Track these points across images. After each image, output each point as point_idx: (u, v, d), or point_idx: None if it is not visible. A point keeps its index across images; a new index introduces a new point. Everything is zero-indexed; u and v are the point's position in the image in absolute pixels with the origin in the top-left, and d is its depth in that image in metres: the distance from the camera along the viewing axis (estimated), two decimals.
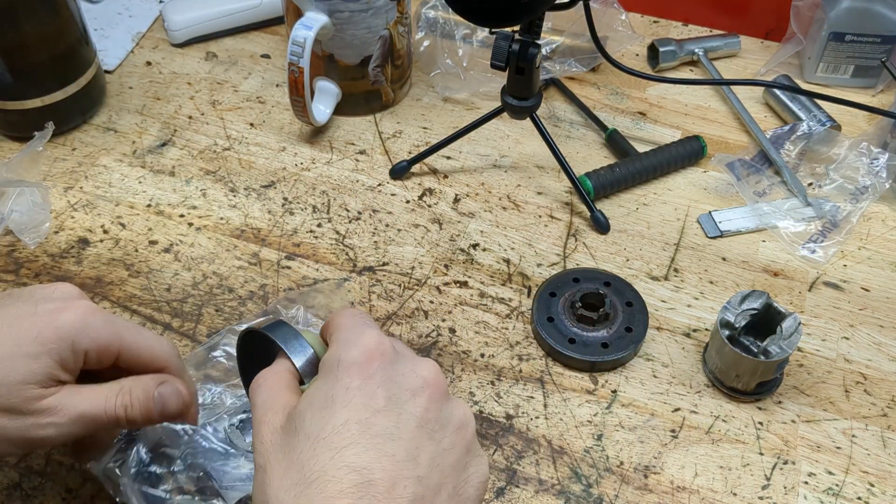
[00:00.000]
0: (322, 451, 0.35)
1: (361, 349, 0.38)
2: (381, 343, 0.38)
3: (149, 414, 0.43)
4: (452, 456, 0.37)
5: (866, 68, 0.77)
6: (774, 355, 0.52)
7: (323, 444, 0.35)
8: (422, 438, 0.36)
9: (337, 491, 0.34)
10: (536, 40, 0.60)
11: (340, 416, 0.36)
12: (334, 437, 0.35)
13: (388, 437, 0.35)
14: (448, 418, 0.38)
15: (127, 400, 0.42)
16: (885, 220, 0.67)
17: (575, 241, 0.65)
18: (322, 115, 0.73)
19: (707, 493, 0.51)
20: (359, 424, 0.35)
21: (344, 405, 0.36)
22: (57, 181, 0.69)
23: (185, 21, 0.82)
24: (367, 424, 0.35)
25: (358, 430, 0.35)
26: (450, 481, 0.36)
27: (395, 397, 0.37)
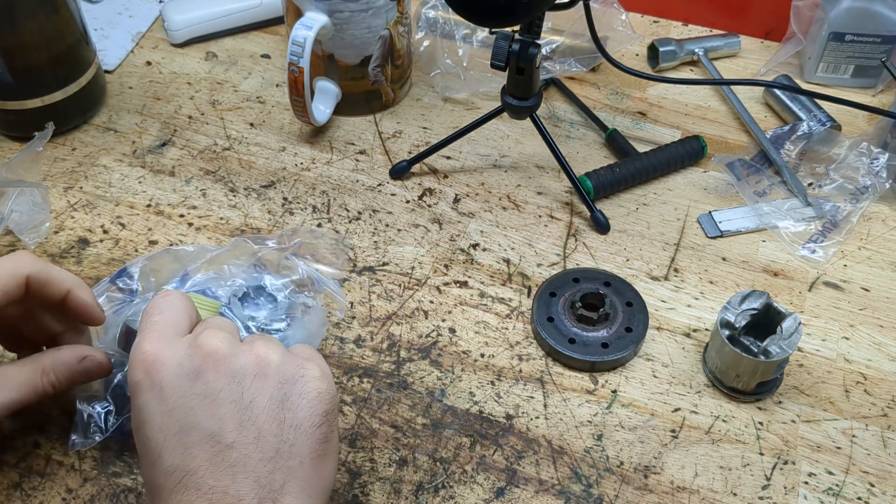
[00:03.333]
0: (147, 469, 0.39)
1: (139, 367, 0.40)
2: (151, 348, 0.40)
3: (74, 384, 0.48)
4: (263, 399, 0.39)
5: (866, 68, 0.77)
6: (774, 355, 0.52)
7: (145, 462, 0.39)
8: (219, 408, 0.39)
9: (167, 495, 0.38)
10: (536, 40, 0.60)
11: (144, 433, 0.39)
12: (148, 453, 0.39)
13: (187, 429, 0.38)
14: (242, 371, 0.40)
15: (52, 378, 0.47)
16: (885, 220, 0.67)
17: (575, 241, 0.65)
18: (322, 115, 0.73)
19: (707, 493, 0.51)
20: (159, 432, 0.39)
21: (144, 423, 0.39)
22: (57, 181, 0.69)
23: (185, 21, 0.82)
24: (166, 427, 0.39)
25: (161, 436, 0.38)
26: (269, 423, 0.39)
27: (180, 389, 0.39)
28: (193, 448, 0.38)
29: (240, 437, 0.38)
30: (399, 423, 0.54)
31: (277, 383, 0.40)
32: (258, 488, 0.37)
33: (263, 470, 0.38)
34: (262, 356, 0.41)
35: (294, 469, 0.38)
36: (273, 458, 0.38)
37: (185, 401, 0.39)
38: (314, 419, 0.40)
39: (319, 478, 0.39)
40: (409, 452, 0.52)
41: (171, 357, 0.40)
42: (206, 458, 0.38)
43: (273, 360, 0.41)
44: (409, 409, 0.54)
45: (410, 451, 0.52)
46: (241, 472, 0.38)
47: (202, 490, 0.37)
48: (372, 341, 0.58)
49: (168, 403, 0.39)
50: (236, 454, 0.38)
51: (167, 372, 0.40)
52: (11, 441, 0.52)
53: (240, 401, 0.39)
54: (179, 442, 0.38)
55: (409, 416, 0.54)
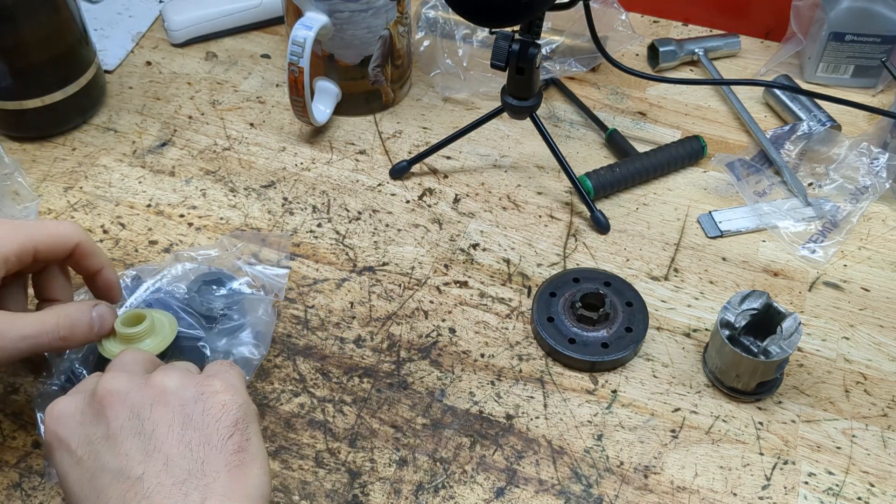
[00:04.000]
0: None
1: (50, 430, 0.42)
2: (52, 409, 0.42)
3: (89, 333, 0.48)
4: (162, 427, 0.40)
5: (866, 68, 0.77)
6: (774, 355, 0.52)
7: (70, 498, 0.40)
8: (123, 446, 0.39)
9: None
10: (536, 40, 0.60)
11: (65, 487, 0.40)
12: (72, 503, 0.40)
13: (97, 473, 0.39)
14: (140, 402, 0.40)
15: (67, 320, 0.47)
16: (885, 220, 0.67)
17: (575, 241, 0.65)
18: (322, 115, 0.73)
19: (707, 493, 0.51)
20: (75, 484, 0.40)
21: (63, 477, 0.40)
22: (57, 181, 0.69)
23: (185, 21, 0.82)
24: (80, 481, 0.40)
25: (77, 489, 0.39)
26: (176, 446, 0.39)
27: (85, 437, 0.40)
28: (107, 490, 0.38)
29: (147, 468, 0.38)
30: (399, 423, 0.54)
31: (178, 406, 0.40)
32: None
33: (178, 493, 0.38)
34: (159, 385, 0.41)
35: (211, 485, 0.38)
36: (186, 479, 0.38)
37: (90, 447, 0.40)
38: (222, 432, 0.40)
39: (242, 487, 0.39)
40: (409, 452, 0.52)
41: (71, 409, 0.42)
42: (118, 498, 0.38)
43: (170, 386, 0.41)
44: (409, 409, 0.54)
45: (410, 451, 0.52)
46: (156, 501, 0.37)
47: None
48: (372, 341, 0.58)
49: (76, 455, 0.40)
50: (147, 485, 0.38)
51: (68, 424, 0.41)
52: (11, 441, 0.52)
53: (141, 433, 0.39)
54: (92, 489, 0.39)
55: (409, 416, 0.54)
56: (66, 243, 0.49)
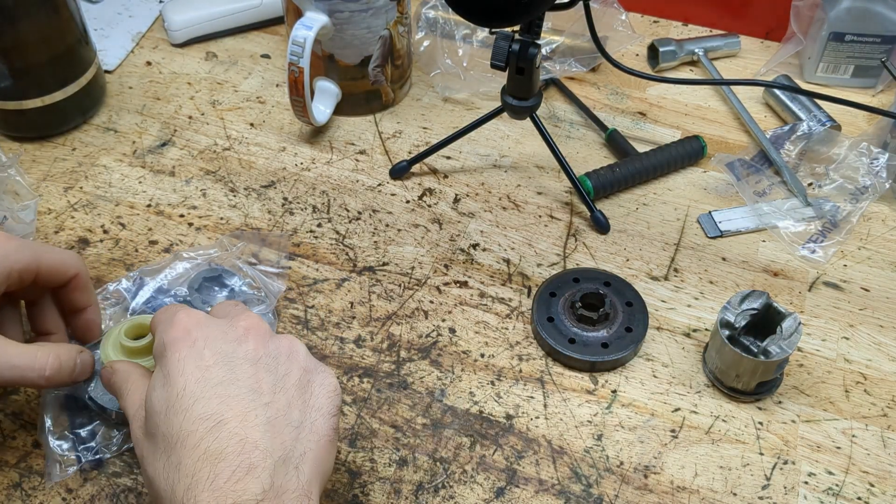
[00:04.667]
0: (173, 417, 0.39)
1: (177, 326, 0.43)
2: (192, 315, 0.43)
3: (70, 376, 0.48)
4: (292, 377, 0.42)
5: (866, 68, 0.77)
6: (774, 355, 0.52)
7: (172, 411, 0.40)
8: (258, 373, 0.41)
9: (196, 440, 0.38)
10: (536, 40, 0.60)
11: (179, 384, 0.40)
12: (180, 402, 0.40)
13: (226, 383, 0.40)
14: (277, 350, 0.43)
15: (57, 362, 0.47)
16: (885, 220, 0.67)
17: (575, 241, 0.65)
18: (322, 115, 0.73)
19: (707, 493, 0.51)
20: (197, 383, 0.40)
21: (179, 374, 0.41)
22: (57, 181, 0.69)
23: (185, 21, 0.82)
24: (204, 380, 0.40)
25: (198, 388, 0.40)
26: (297, 397, 0.42)
27: (222, 350, 0.42)
28: (231, 400, 0.40)
29: (274, 400, 0.41)
30: (399, 423, 0.54)
31: (303, 370, 0.43)
32: (284, 450, 0.39)
33: (289, 436, 0.40)
34: (293, 343, 0.44)
35: (312, 444, 0.41)
36: (298, 428, 0.41)
37: (226, 360, 0.41)
38: (331, 408, 0.43)
39: (328, 461, 0.42)
40: (409, 452, 0.52)
41: (213, 324, 0.43)
42: (241, 411, 0.39)
43: (300, 350, 0.44)
44: (409, 409, 0.54)
45: (410, 451, 0.52)
46: (271, 430, 0.40)
47: (234, 439, 0.39)
48: (372, 341, 0.58)
49: (208, 360, 0.41)
50: (269, 413, 0.40)
51: (210, 333, 0.42)
52: (11, 441, 0.52)
53: (276, 371, 0.42)
54: (216, 393, 0.40)
55: (409, 416, 0.54)
56: (67, 270, 0.50)
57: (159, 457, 0.40)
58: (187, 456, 0.38)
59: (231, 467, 0.38)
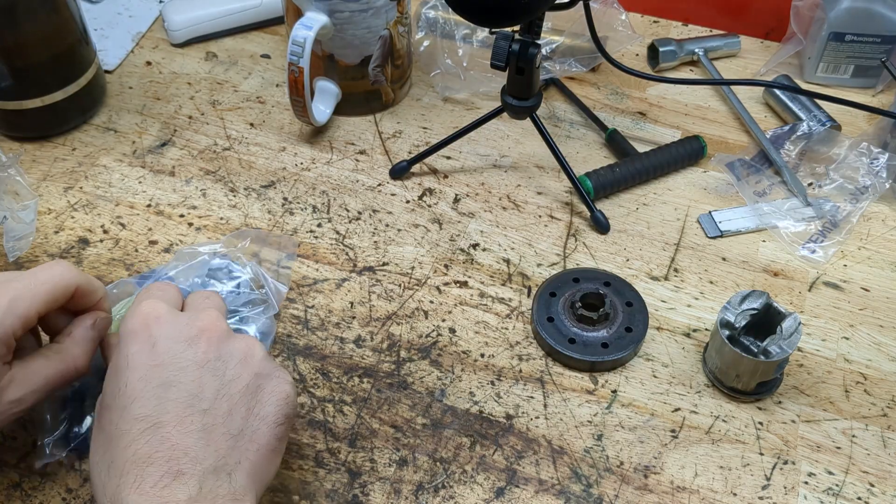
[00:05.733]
0: (115, 412, 0.40)
1: (136, 318, 0.43)
2: (154, 308, 0.43)
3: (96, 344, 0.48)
4: (240, 383, 0.42)
5: (866, 68, 0.77)
6: (774, 355, 0.52)
7: (113, 407, 0.40)
8: (203, 377, 0.41)
9: (129, 440, 0.39)
10: (536, 40, 0.60)
11: (123, 378, 0.41)
12: (121, 398, 0.40)
13: (167, 385, 0.40)
14: (230, 353, 0.43)
15: (81, 362, 0.46)
16: (885, 220, 0.67)
17: (575, 241, 0.65)
18: (322, 115, 0.73)
19: (707, 493, 0.51)
20: (140, 380, 0.40)
21: (126, 367, 0.41)
22: (57, 181, 0.69)
23: (185, 21, 0.82)
24: (147, 379, 0.40)
25: (140, 385, 0.40)
26: (241, 405, 0.42)
27: (172, 350, 0.42)
28: (168, 403, 0.40)
29: (213, 406, 0.41)
30: (399, 423, 0.54)
31: (255, 375, 0.43)
32: (217, 458, 0.39)
33: (225, 444, 0.40)
34: (250, 347, 0.44)
35: (250, 454, 0.41)
36: (236, 436, 0.41)
37: (173, 360, 0.41)
38: (278, 417, 0.43)
39: (267, 471, 0.42)
40: (409, 452, 0.52)
41: (171, 320, 0.43)
42: (177, 415, 0.40)
43: (257, 354, 0.44)
44: (409, 409, 0.54)
45: (410, 451, 0.52)
46: (206, 438, 0.40)
47: (165, 444, 0.39)
48: (372, 341, 0.58)
49: (157, 358, 0.41)
50: (207, 420, 0.40)
51: (165, 331, 0.42)
52: (11, 441, 0.52)
53: (222, 377, 0.42)
54: (156, 395, 0.40)
55: (409, 416, 0.54)
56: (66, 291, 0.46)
57: (97, 450, 0.40)
58: (119, 456, 0.39)
59: (158, 472, 0.38)
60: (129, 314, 0.44)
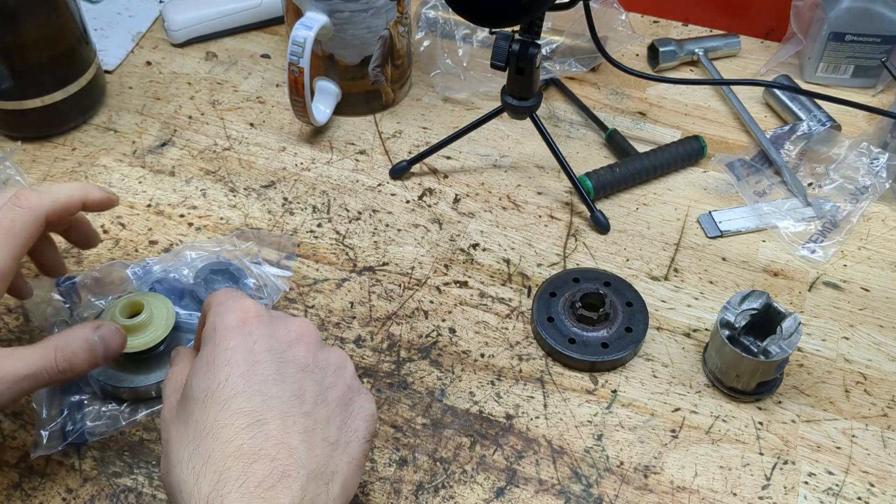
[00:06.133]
0: (211, 406, 0.38)
1: (236, 313, 0.41)
2: (254, 306, 0.42)
3: (94, 360, 0.46)
4: (336, 392, 0.41)
5: (866, 68, 0.77)
6: (774, 355, 0.52)
7: (211, 399, 0.38)
8: (304, 380, 0.40)
9: (231, 434, 0.37)
10: (536, 40, 0.60)
11: (223, 373, 0.39)
12: (221, 392, 0.38)
13: (271, 382, 0.39)
14: (326, 361, 0.42)
15: (68, 353, 0.45)
16: (885, 220, 0.67)
17: (575, 241, 0.65)
18: (322, 115, 0.73)
19: (707, 493, 0.51)
20: (242, 376, 0.39)
21: (225, 363, 0.39)
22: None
23: (185, 21, 0.82)
24: (250, 375, 0.39)
25: (242, 381, 0.39)
26: (337, 414, 0.41)
27: (274, 349, 0.40)
28: (272, 401, 0.38)
29: (314, 410, 0.40)
30: (399, 423, 0.54)
31: (347, 387, 0.42)
32: (317, 464, 0.38)
33: (324, 451, 0.39)
34: (343, 358, 0.43)
35: (343, 466, 0.40)
36: (333, 444, 0.40)
37: (276, 360, 0.40)
38: (367, 434, 0.42)
39: (353, 487, 0.41)
40: (409, 452, 0.52)
41: (269, 321, 0.42)
42: (281, 413, 0.38)
43: (349, 367, 0.43)
44: (409, 409, 0.54)
45: (410, 451, 0.52)
46: (307, 441, 0.38)
47: (270, 441, 0.37)
48: (372, 341, 0.58)
49: (257, 356, 0.40)
50: (308, 423, 0.39)
51: (265, 330, 0.41)
52: (11, 441, 0.52)
53: (321, 383, 0.41)
54: (259, 391, 0.39)
55: (409, 416, 0.54)
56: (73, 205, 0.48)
57: (187, 445, 0.38)
58: (219, 449, 0.37)
59: (265, 471, 0.36)
60: (224, 310, 0.42)
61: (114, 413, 0.52)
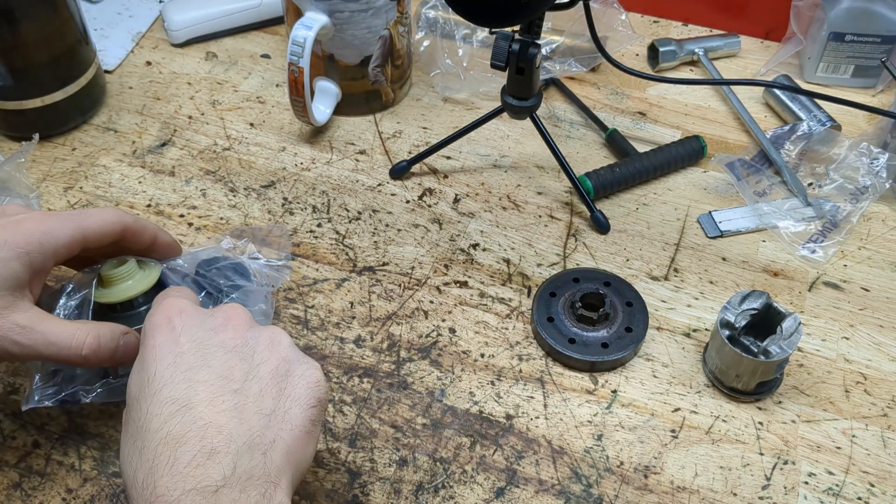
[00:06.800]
0: (143, 402, 0.40)
1: (162, 312, 0.43)
2: (177, 302, 0.44)
3: (111, 358, 0.47)
4: (269, 366, 0.42)
5: (866, 68, 0.77)
6: (774, 355, 0.52)
7: (143, 396, 0.40)
8: (232, 360, 0.41)
9: (160, 423, 0.38)
10: (536, 40, 0.60)
11: (151, 369, 0.40)
12: (150, 387, 0.40)
13: (196, 368, 0.40)
14: (255, 339, 0.43)
15: (95, 342, 0.46)
16: (885, 220, 0.67)
17: (575, 241, 0.65)
18: (322, 115, 0.73)
19: (707, 493, 0.51)
20: (168, 368, 0.40)
21: (153, 360, 0.41)
22: (57, 181, 0.69)
23: (185, 21, 0.82)
24: (175, 365, 0.40)
25: (168, 372, 0.40)
26: (272, 386, 0.41)
27: (198, 338, 0.42)
28: (199, 385, 0.40)
29: (244, 387, 0.41)
30: (399, 423, 0.54)
31: (282, 359, 0.43)
32: (250, 436, 0.39)
33: (258, 423, 0.40)
34: (275, 336, 0.44)
35: (284, 434, 0.40)
36: (269, 416, 0.40)
37: (201, 347, 0.41)
38: (310, 400, 0.42)
39: (302, 453, 0.41)
40: (409, 452, 0.52)
41: (194, 313, 0.44)
42: (208, 396, 0.39)
43: (283, 342, 0.44)
44: (409, 409, 0.54)
45: (410, 451, 0.52)
46: (238, 416, 0.39)
47: (197, 423, 0.38)
48: (372, 341, 0.58)
49: (183, 346, 0.41)
50: (238, 399, 0.40)
51: (189, 322, 0.43)
52: (11, 441, 0.52)
53: (250, 360, 0.42)
54: (185, 378, 0.40)
55: (409, 416, 0.54)
56: (112, 230, 0.49)
57: (127, 441, 0.40)
58: (150, 439, 0.38)
59: (192, 451, 0.37)
60: (153, 311, 0.44)
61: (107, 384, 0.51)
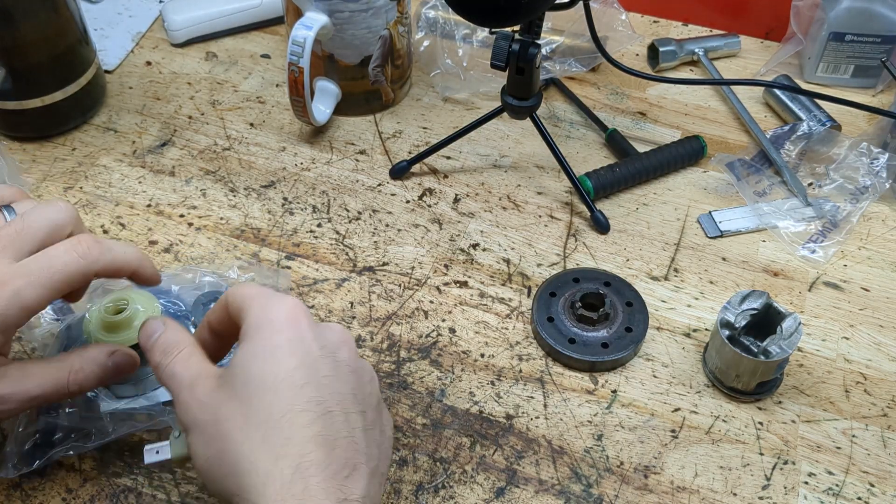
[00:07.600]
0: (285, 391, 0.38)
1: (286, 308, 0.41)
2: (300, 304, 0.42)
3: (104, 381, 0.47)
4: (374, 398, 0.43)
5: (866, 68, 0.77)
6: (774, 355, 0.52)
7: (283, 385, 0.38)
8: (355, 382, 0.41)
9: (310, 420, 0.38)
10: (536, 40, 0.60)
11: (290, 362, 0.39)
12: (290, 378, 0.39)
13: (331, 378, 0.40)
14: (363, 369, 0.43)
15: (81, 377, 0.45)
16: (885, 220, 0.67)
17: (575, 241, 0.65)
18: (322, 115, 0.73)
19: (707, 493, 0.51)
20: (308, 368, 0.39)
21: (289, 354, 0.40)
22: (57, 181, 0.69)
23: (185, 21, 0.82)
24: (314, 368, 0.40)
25: (308, 372, 0.39)
26: (377, 420, 0.42)
27: (326, 348, 0.41)
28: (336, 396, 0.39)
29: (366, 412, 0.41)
30: (399, 423, 0.54)
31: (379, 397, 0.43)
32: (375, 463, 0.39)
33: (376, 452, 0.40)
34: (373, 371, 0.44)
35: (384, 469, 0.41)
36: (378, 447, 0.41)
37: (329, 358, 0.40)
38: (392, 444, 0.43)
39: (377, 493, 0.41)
40: (409, 452, 0.52)
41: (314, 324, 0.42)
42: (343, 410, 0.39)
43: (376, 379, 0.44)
44: (409, 409, 0.54)
45: (410, 451, 0.52)
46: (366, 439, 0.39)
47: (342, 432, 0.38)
48: (372, 341, 0.58)
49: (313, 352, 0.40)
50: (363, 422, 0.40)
51: (314, 329, 0.41)
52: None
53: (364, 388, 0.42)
54: (323, 385, 0.39)
55: (409, 416, 0.54)
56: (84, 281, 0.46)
57: (257, 427, 0.38)
58: (298, 433, 0.37)
59: (342, 459, 0.37)
60: (273, 303, 0.42)
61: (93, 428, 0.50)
